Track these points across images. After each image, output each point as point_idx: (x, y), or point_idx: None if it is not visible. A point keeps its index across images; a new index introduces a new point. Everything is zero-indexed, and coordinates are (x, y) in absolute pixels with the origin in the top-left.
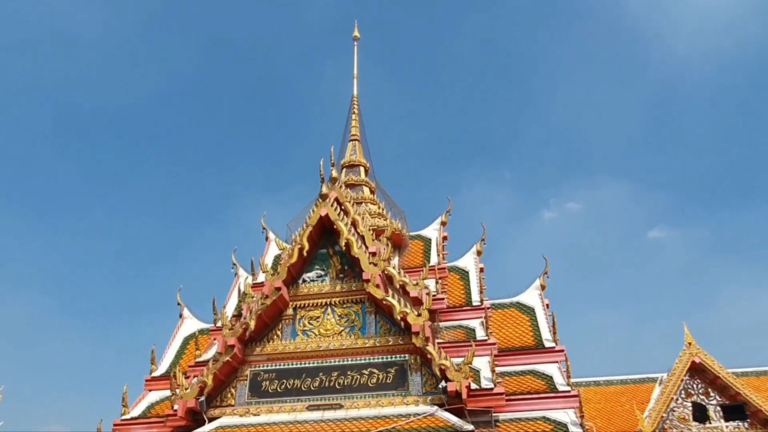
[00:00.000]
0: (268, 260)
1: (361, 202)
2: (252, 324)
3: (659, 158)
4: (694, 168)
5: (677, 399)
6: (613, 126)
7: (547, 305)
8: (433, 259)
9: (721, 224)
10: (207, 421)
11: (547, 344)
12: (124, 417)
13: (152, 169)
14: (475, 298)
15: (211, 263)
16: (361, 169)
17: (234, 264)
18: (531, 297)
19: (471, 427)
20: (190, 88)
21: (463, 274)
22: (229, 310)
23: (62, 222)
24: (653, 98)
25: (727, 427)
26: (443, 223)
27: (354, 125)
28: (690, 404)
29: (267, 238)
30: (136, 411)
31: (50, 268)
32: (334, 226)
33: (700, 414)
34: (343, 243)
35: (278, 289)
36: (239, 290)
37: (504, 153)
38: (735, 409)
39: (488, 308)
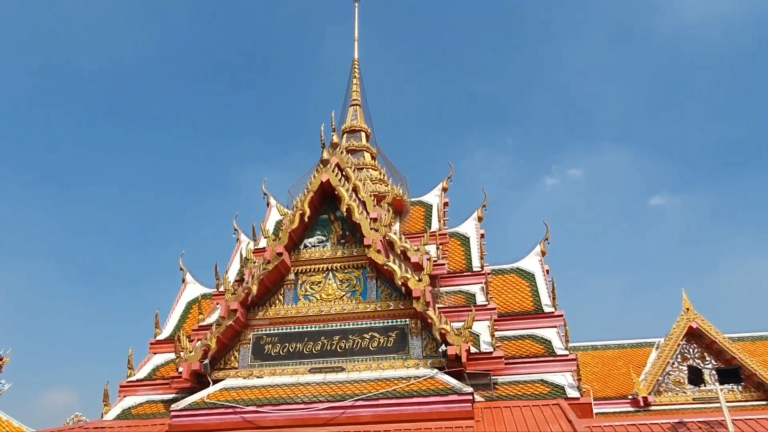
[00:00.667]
0: (270, 226)
1: (362, 168)
2: (254, 289)
3: (663, 125)
4: (697, 135)
5: (673, 363)
6: (617, 92)
7: (547, 271)
8: (434, 225)
9: (722, 191)
10: (211, 383)
11: (547, 309)
12: (130, 379)
13: (154, 136)
14: (476, 263)
15: (213, 229)
16: (362, 134)
17: (235, 230)
18: (531, 263)
19: (470, 389)
20: (191, 54)
21: (464, 240)
22: (232, 275)
23: (64, 189)
24: (658, 64)
25: (721, 390)
26: (444, 189)
27: (355, 90)
28: (686, 368)
29: (268, 204)
30: (141, 373)
31: (52, 236)
32: (335, 192)
33: (696, 377)
34: (344, 209)
35: (280, 254)
36: (241, 256)
37: (506, 119)
38: (730, 373)
39: (488, 274)
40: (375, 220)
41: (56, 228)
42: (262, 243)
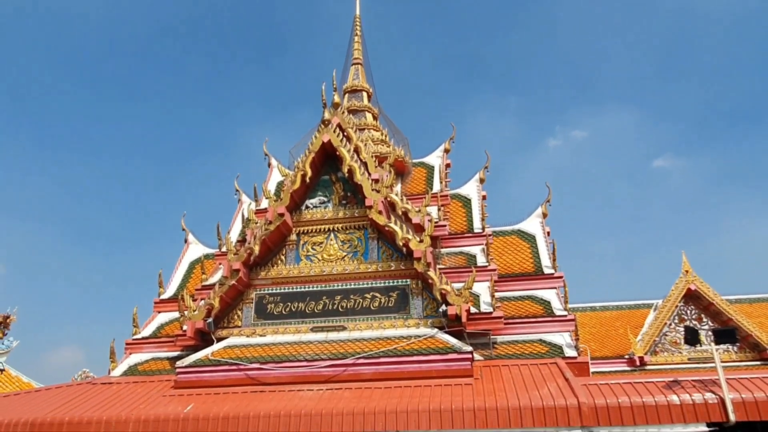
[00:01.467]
0: (271, 187)
1: (363, 129)
2: (256, 249)
3: (669, 86)
4: (703, 96)
5: (670, 324)
6: (623, 52)
7: (548, 233)
8: (436, 187)
9: (727, 154)
10: (215, 341)
11: (547, 271)
12: (135, 337)
13: (154, 98)
14: (477, 225)
15: (214, 190)
16: (364, 94)
17: (237, 190)
18: (532, 225)
19: (470, 348)
20: (190, 15)
21: (466, 202)
22: (234, 235)
23: (65, 152)
24: (665, 25)
25: (716, 350)
26: (446, 151)
27: (356, 48)
28: (682, 329)
29: (269, 165)
30: (146, 331)
31: (54, 198)
32: (337, 153)
33: (692, 337)
34: (345, 169)
35: (281, 215)
36: (243, 216)
37: (510, 79)
38: (726, 333)
39: (489, 235)
40: (376, 181)
41: (57, 190)
42: (264, 204)
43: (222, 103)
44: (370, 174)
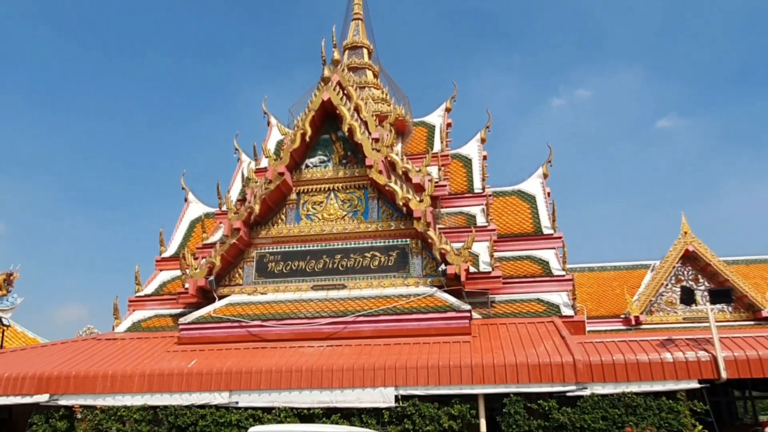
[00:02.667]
0: (271, 145)
1: (364, 87)
2: (257, 208)
3: (676, 45)
4: (710, 56)
5: (667, 285)
6: (630, 9)
7: (549, 193)
8: (437, 146)
9: (732, 114)
10: (217, 299)
11: (546, 231)
12: (138, 294)
13: (153, 57)
14: (477, 185)
15: (214, 149)
16: (364, 51)
17: (236, 149)
18: (532, 185)
19: (468, 306)
20: None
21: (466, 162)
22: (234, 194)
23: (64, 111)
24: None
25: (711, 310)
26: (448, 110)
27: (357, 2)
28: (679, 289)
29: (269, 123)
30: (149, 289)
31: (54, 157)
32: (337, 111)
33: (688, 297)
34: (345, 128)
35: (281, 174)
36: (242, 175)
37: (515, 37)
38: (721, 293)
39: (489, 195)
40: (377, 140)
41: (58, 148)
42: (264, 163)
43: (221, 60)
44: (370, 133)
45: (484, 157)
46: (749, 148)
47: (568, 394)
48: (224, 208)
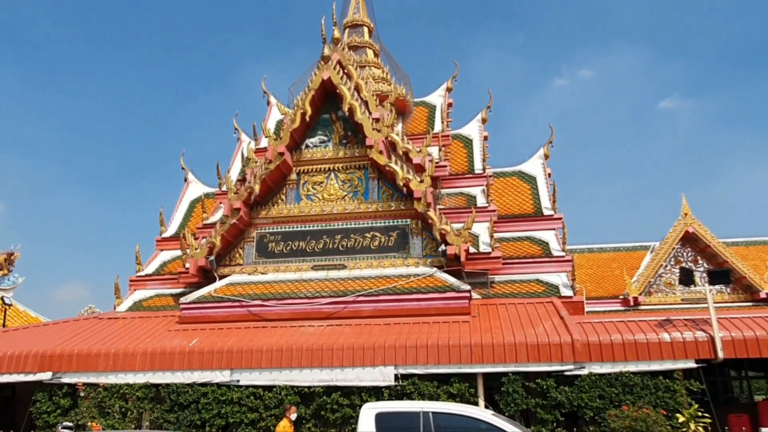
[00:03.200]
0: (270, 125)
1: (364, 66)
2: (256, 188)
3: (680, 24)
4: (715, 36)
5: (666, 266)
6: None
7: (549, 174)
8: (437, 126)
9: (736, 95)
10: (217, 279)
11: (546, 212)
12: (139, 274)
13: (152, 36)
14: (478, 166)
15: (213, 128)
16: (365, 29)
17: (236, 129)
18: (533, 166)
19: (468, 287)
20: None
21: (467, 142)
22: (233, 174)
23: (63, 91)
24: None
25: (710, 291)
26: (449, 90)
27: None
28: (678, 270)
29: (268, 103)
30: (149, 269)
31: (52, 135)
32: (337, 91)
33: (687, 278)
34: (346, 108)
35: (281, 154)
36: (242, 155)
37: (517, 15)
38: (720, 274)
39: (490, 176)
40: (377, 120)
41: (57, 128)
42: (264, 142)
43: (220, 39)
44: (370, 113)
45: (485, 138)
46: (752, 130)
47: (566, 373)
48: (224, 188)
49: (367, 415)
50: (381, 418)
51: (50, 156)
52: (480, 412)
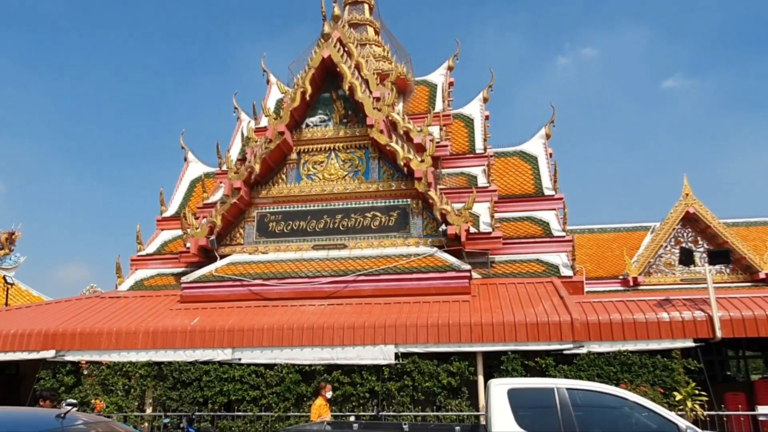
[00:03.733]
0: (270, 104)
1: (365, 44)
2: (257, 168)
3: (685, 2)
4: (720, 15)
5: (666, 246)
6: None
7: (551, 154)
8: (438, 106)
9: (741, 75)
10: (218, 258)
11: (547, 192)
12: (140, 253)
13: (151, 15)
14: (479, 145)
15: (212, 107)
16: (365, 6)
17: (235, 108)
18: (535, 146)
19: (468, 267)
20: None
21: (468, 122)
22: (234, 154)
23: (63, 71)
24: None
25: (710, 270)
26: (450, 68)
27: None
28: (678, 251)
29: (268, 82)
30: (150, 248)
31: (52, 116)
32: (337, 69)
33: (687, 258)
34: (346, 87)
35: (281, 133)
36: (242, 135)
37: None
38: (720, 254)
39: (491, 156)
40: (378, 99)
41: (56, 108)
42: (264, 122)
43: (219, 16)
44: (371, 92)
45: (486, 117)
46: (755, 110)
47: (565, 352)
48: (224, 168)
49: (499, 391)
50: (514, 395)
51: (50, 137)
52: (618, 389)
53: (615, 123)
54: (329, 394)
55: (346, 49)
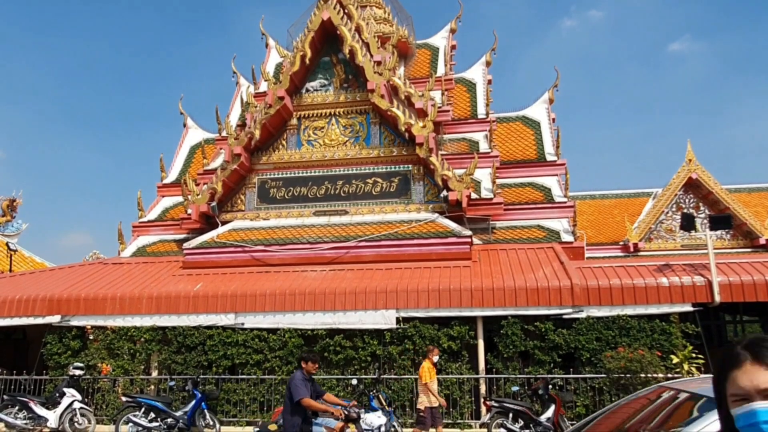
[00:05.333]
0: (270, 68)
1: (365, 6)
2: (257, 133)
3: None
4: None
5: (668, 212)
6: None
7: (554, 119)
8: (440, 70)
9: (750, 37)
10: (220, 225)
11: (549, 158)
12: (142, 220)
13: None
14: (481, 111)
15: (211, 71)
16: None
17: (234, 72)
18: (537, 111)
19: (469, 232)
20: None
21: (470, 86)
22: (233, 119)
23: (60, 34)
24: None
25: (710, 236)
26: (452, 31)
27: None
28: (679, 216)
29: (267, 45)
30: (152, 215)
31: (51, 82)
32: (337, 32)
33: (688, 223)
34: (346, 50)
35: (281, 98)
36: (242, 100)
37: None
38: (721, 219)
39: (493, 121)
40: (379, 63)
41: (54, 74)
42: (263, 87)
43: None
44: (372, 55)
45: (489, 82)
46: (763, 74)
47: (565, 316)
48: (224, 134)
49: None
50: None
51: (48, 103)
52: None
53: (620, 88)
54: (436, 358)
55: (346, 11)
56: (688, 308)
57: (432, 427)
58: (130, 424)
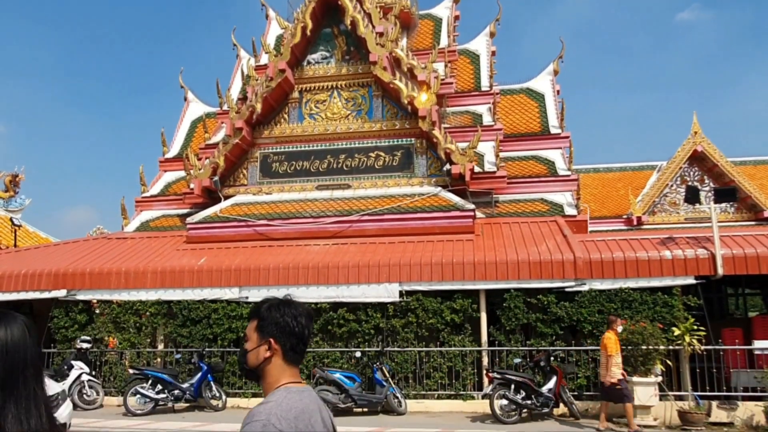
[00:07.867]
0: (270, 40)
1: None
2: (258, 107)
3: None
4: None
5: (672, 185)
6: None
7: (558, 91)
8: (443, 41)
9: (762, 6)
10: (223, 199)
11: (553, 131)
12: (144, 195)
13: None
14: (485, 83)
15: (211, 43)
16: None
17: (234, 45)
18: (542, 83)
19: (472, 206)
20: None
21: (474, 58)
22: (234, 92)
23: (61, 8)
24: None
25: (714, 209)
26: (455, 1)
27: None
28: (683, 189)
29: (267, 17)
30: (154, 189)
31: (51, 56)
32: (339, 2)
33: (692, 196)
34: (348, 21)
35: (282, 71)
36: (242, 73)
37: None
38: (726, 192)
39: (497, 94)
40: (381, 34)
41: (56, 49)
42: (264, 59)
43: None
44: (374, 27)
45: (493, 53)
46: None
47: (567, 289)
48: (225, 108)
49: None
50: None
51: (50, 77)
52: None
53: (626, 59)
54: (620, 329)
55: None
56: (691, 281)
57: (611, 401)
58: (138, 395)
